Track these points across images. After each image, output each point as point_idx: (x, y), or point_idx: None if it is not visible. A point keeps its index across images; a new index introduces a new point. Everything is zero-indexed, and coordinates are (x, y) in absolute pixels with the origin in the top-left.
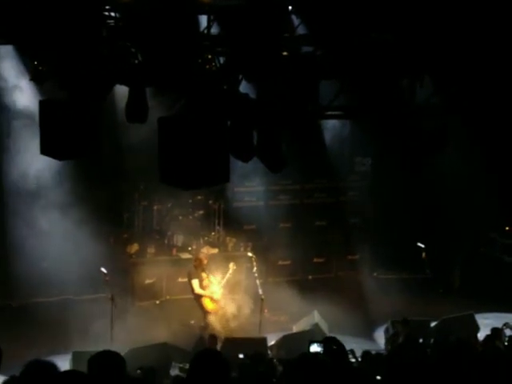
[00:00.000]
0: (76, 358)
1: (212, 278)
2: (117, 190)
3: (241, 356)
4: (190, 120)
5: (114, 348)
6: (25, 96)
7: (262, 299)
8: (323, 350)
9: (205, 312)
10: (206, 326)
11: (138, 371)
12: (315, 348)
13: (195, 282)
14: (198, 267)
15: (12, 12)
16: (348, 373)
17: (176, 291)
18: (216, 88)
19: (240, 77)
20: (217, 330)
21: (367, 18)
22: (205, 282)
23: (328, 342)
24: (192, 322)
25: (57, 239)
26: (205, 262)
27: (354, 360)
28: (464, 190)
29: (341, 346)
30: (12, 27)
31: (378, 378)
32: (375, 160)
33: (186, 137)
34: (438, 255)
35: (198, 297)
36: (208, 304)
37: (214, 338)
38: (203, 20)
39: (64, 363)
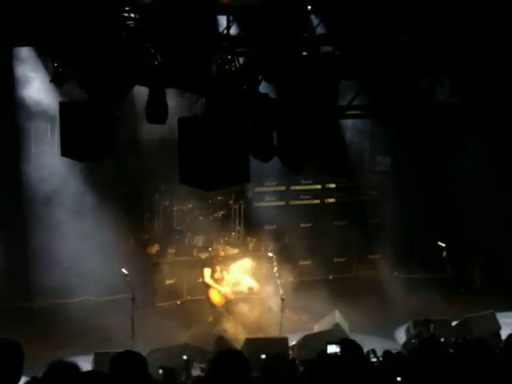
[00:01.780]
0: (98, 358)
1: (226, 274)
2: (137, 191)
3: (263, 356)
4: (209, 120)
5: (135, 349)
6: (44, 98)
7: (283, 299)
8: (340, 351)
9: (211, 304)
10: (215, 321)
11: (160, 371)
12: (333, 349)
13: (207, 271)
14: (214, 258)
15: (31, 14)
16: (367, 373)
17: (197, 292)
18: (235, 88)
19: (260, 77)
20: (225, 326)
21: (386, 16)
22: (217, 275)
23: (345, 343)
24: (210, 319)
25: (77, 240)
26: (221, 253)
27: (375, 360)
28: (484, 189)
29: (358, 346)
30: (32, 29)
31: (399, 379)
32: (395, 159)
33: (205, 137)
34: (459, 254)
35: (207, 286)
36: (215, 296)
37: (222, 339)
38: (222, 20)
39: (86, 364)
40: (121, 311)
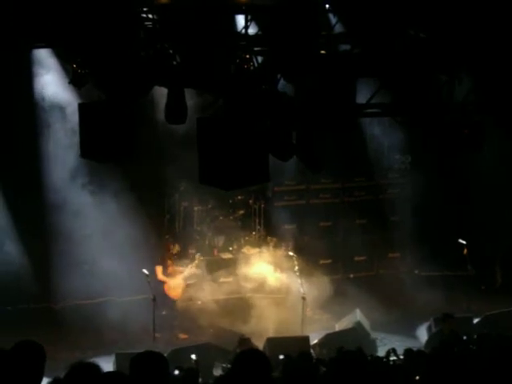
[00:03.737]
0: (119, 359)
1: (177, 268)
2: (157, 192)
3: (281, 357)
4: (229, 120)
5: (156, 349)
6: (63, 99)
7: (304, 298)
8: None
9: (168, 297)
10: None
11: (177, 371)
12: None
13: (159, 269)
14: (164, 254)
15: (51, 16)
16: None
17: (218, 292)
18: (254, 88)
19: (278, 76)
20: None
21: (405, 15)
22: (169, 270)
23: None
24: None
25: (98, 241)
26: (173, 248)
27: (395, 358)
28: (504, 186)
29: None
30: (51, 30)
31: (417, 378)
32: (414, 157)
33: (225, 137)
34: (480, 252)
35: (162, 283)
36: (170, 291)
37: (244, 339)
38: (241, 20)
39: (107, 365)
40: (142, 311)
